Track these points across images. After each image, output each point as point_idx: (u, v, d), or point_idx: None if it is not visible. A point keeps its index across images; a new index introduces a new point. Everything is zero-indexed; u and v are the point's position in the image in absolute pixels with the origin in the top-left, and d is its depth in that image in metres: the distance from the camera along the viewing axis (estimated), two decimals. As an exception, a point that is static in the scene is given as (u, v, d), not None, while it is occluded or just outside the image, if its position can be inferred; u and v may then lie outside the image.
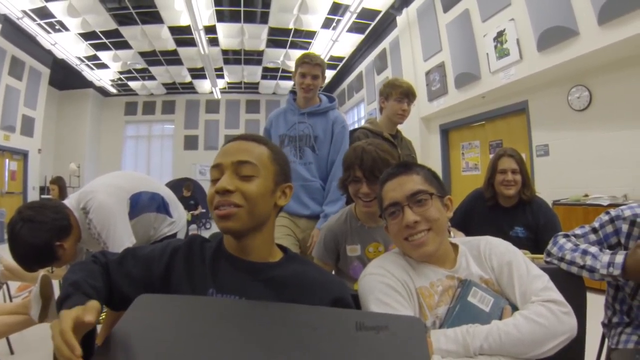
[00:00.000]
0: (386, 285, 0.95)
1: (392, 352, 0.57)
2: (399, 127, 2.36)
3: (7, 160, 8.38)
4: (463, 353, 0.83)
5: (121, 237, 1.58)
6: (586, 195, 4.09)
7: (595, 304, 1.39)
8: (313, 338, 0.60)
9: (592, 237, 1.30)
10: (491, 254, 1.01)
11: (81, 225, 1.59)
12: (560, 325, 0.86)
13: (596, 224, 1.32)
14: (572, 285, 1.17)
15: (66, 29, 7.68)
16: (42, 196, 8.43)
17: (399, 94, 2.21)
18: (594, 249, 1.20)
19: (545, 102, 4.82)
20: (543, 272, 0.97)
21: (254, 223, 0.84)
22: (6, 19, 7.00)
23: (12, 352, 2.50)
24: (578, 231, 1.34)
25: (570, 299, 0.91)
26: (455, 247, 1.06)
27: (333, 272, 1.60)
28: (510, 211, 2.10)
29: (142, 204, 1.78)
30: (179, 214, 2.00)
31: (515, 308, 0.92)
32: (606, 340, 1.43)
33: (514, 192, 2.05)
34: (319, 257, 1.58)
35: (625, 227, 1.24)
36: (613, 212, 1.29)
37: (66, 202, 1.62)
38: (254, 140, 0.90)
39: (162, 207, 1.88)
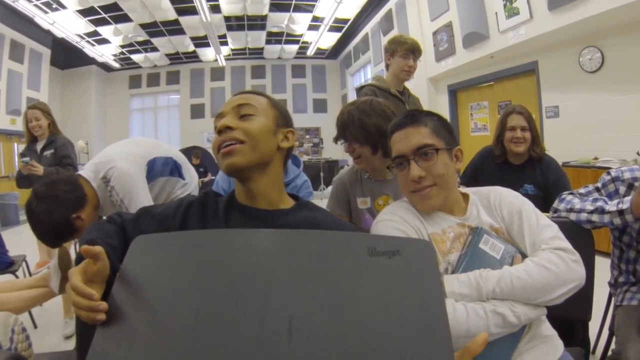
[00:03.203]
0: (399, 230, 0.96)
1: (404, 278, 0.56)
2: (407, 84, 2.35)
3: (15, 144, 8.32)
4: (476, 296, 0.84)
5: (142, 202, 1.62)
6: (596, 159, 4.06)
7: (603, 267, 1.43)
8: (324, 267, 0.58)
9: (596, 194, 1.36)
10: (501, 204, 1.02)
11: (101, 194, 1.62)
12: (569, 272, 0.88)
13: (599, 184, 1.37)
14: (581, 239, 1.19)
15: (63, 7, 7.45)
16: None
17: (404, 51, 2.19)
18: (604, 198, 1.27)
19: (555, 63, 4.70)
20: (553, 222, 0.99)
21: (258, 159, 0.86)
22: (1, 3, 6.83)
23: (35, 327, 2.55)
24: (582, 190, 1.40)
25: (579, 252, 0.93)
26: (465, 196, 1.07)
27: None
28: (520, 169, 2.11)
29: (157, 169, 1.83)
30: (191, 176, 2.04)
31: (524, 257, 0.93)
32: (612, 298, 1.50)
33: (523, 149, 2.05)
34: (331, 210, 1.59)
35: (622, 190, 1.29)
36: (614, 172, 1.34)
37: (82, 172, 1.65)
38: (254, 93, 0.95)
39: (174, 170, 1.92)
